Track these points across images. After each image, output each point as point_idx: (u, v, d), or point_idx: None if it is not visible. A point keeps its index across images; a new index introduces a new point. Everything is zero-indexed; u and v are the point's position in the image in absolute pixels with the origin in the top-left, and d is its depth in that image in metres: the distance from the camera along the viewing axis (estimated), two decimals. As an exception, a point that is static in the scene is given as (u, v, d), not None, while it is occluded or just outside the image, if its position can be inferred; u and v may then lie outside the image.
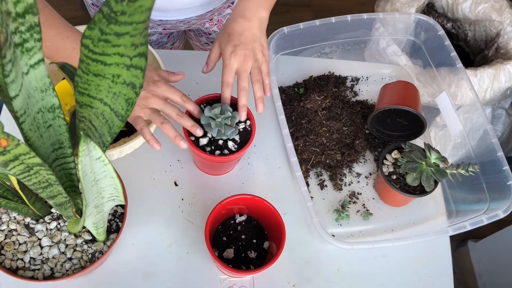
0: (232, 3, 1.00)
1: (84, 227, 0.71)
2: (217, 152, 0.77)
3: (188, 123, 0.73)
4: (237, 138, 0.79)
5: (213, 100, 0.81)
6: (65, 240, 0.70)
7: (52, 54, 0.68)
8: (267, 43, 0.78)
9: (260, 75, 0.77)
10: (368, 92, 1.04)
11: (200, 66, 0.98)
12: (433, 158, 0.82)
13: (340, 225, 0.88)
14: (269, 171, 0.91)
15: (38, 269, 0.68)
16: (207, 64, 0.79)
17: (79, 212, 0.66)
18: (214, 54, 0.78)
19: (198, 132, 0.74)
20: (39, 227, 0.70)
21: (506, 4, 1.38)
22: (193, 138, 0.77)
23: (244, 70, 0.75)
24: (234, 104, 0.80)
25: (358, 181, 0.93)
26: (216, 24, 1.05)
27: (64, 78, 0.87)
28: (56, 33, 0.66)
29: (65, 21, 0.68)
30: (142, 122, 0.72)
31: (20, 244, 0.69)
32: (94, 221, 0.61)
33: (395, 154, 0.87)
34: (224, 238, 0.79)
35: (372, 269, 0.84)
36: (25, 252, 0.69)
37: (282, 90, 1.01)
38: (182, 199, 0.86)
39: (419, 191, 0.83)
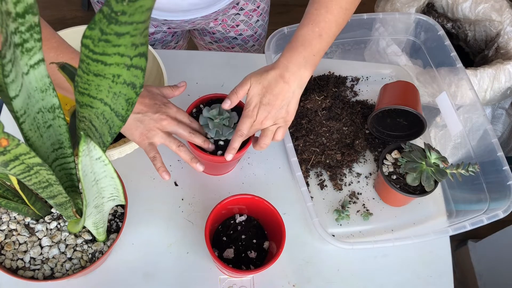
0: (237, 3, 1.00)
1: (84, 227, 0.71)
2: (218, 152, 0.77)
3: (200, 140, 0.75)
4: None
5: (212, 100, 0.81)
6: (65, 240, 0.70)
7: (60, 80, 0.67)
8: (297, 106, 0.74)
9: (270, 139, 0.75)
10: (368, 92, 1.04)
11: (201, 66, 0.98)
12: (433, 158, 0.82)
13: (340, 225, 0.88)
14: (269, 171, 0.91)
15: (38, 269, 0.68)
16: (231, 100, 0.74)
17: (79, 212, 0.66)
18: (243, 92, 0.73)
19: (210, 147, 0.76)
20: (39, 227, 0.70)
21: (506, 4, 1.38)
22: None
23: (255, 128, 0.73)
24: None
25: (358, 181, 0.93)
26: (220, 24, 1.05)
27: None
28: (69, 59, 0.67)
29: (75, 49, 0.69)
30: (155, 150, 0.73)
31: (20, 244, 0.69)
32: (94, 221, 0.61)
33: (395, 154, 0.87)
34: (224, 238, 0.79)
35: (372, 269, 0.84)
36: (25, 252, 0.69)
37: (282, 90, 1.00)
38: (182, 199, 0.86)
39: (419, 191, 0.83)
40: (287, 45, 0.73)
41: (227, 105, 0.74)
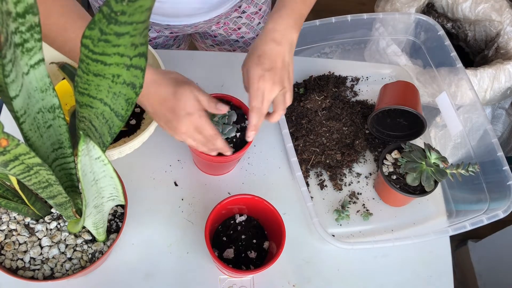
0: (239, 7, 1.00)
1: (84, 227, 0.71)
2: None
3: (223, 148, 0.72)
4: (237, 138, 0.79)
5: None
6: (65, 240, 0.70)
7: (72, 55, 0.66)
8: (293, 68, 0.73)
9: (285, 105, 0.73)
10: (368, 92, 1.04)
11: (201, 66, 0.98)
12: (433, 158, 0.82)
13: (340, 225, 0.88)
14: (269, 171, 0.91)
15: (38, 269, 0.68)
16: (247, 90, 0.72)
17: (79, 212, 0.66)
18: (246, 79, 0.72)
19: (229, 152, 0.73)
20: (39, 227, 0.70)
21: (506, 4, 1.38)
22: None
23: (268, 98, 0.70)
24: (233, 104, 0.81)
25: (358, 181, 0.93)
26: (222, 27, 1.05)
27: (64, 78, 0.87)
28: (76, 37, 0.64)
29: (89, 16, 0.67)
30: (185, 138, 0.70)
31: (20, 244, 0.69)
32: (94, 221, 0.61)
33: (395, 154, 0.87)
34: (224, 238, 0.79)
35: (372, 269, 0.84)
36: (25, 252, 0.69)
37: (282, 90, 1.00)
38: (182, 199, 0.86)
39: (419, 191, 0.83)
40: (273, 10, 0.73)
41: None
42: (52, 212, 0.72)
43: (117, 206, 0.75)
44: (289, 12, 0.71)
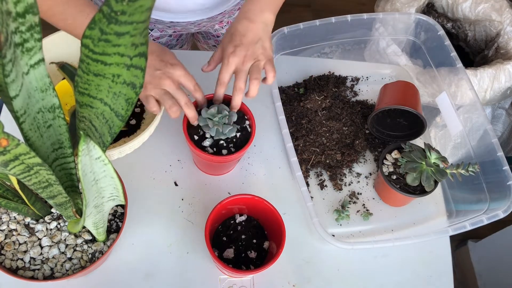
0: None
1: (84, 227, 0.71)
2: (223, 151, 0.77)
3: (192, 114, 0.74)
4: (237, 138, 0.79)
5: (212, 100, 0.81)
6: (65, 240, 0.70)
7: (73, 31, 0.69)
8: (272, 45, 0.76)
9: (259, 74, 0.75)
10: (368, 92, 1.04)
11: (201, 66, 0.98)
12: (433, 158, 0.82)
13: (340, 225, 0.88)
14: (269, 171, 0.91)
15: (38, 269, 0.68)
16: (209, 63, 0.78)
17: (79, 212, 0.66)
18: (217, 54, 0.77)
19: (195, 123, 0.76)
20: (39, 227, 0.70)
21: (506, 4, 1.38)
22: (196, 138, 0.78)
23: (242, 71, 0.74)
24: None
25: (358, 181, 0.93)
26: (225, 26, 1.06)
27: (64, 78, 0.87)
28: (78, 11, 0.67)
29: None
30: (154, 102, 0.73)
31: (20, 244, 0.69)
32: (94, 221, 0.61)
33: (395, 154, 0.87)
34: (224, 238, 0.79)
35: (372, 269, 0.84)
36: (25, 252, 0.69)
37: (282, 90, 1.01)
38: (182, 199, 0.86)
39: (419, 191, 0.83)
40: None
41: (205, 67, 0.78)
42: (52, 212, 0.72)
43: (117, 206, 0.75)
44: None
